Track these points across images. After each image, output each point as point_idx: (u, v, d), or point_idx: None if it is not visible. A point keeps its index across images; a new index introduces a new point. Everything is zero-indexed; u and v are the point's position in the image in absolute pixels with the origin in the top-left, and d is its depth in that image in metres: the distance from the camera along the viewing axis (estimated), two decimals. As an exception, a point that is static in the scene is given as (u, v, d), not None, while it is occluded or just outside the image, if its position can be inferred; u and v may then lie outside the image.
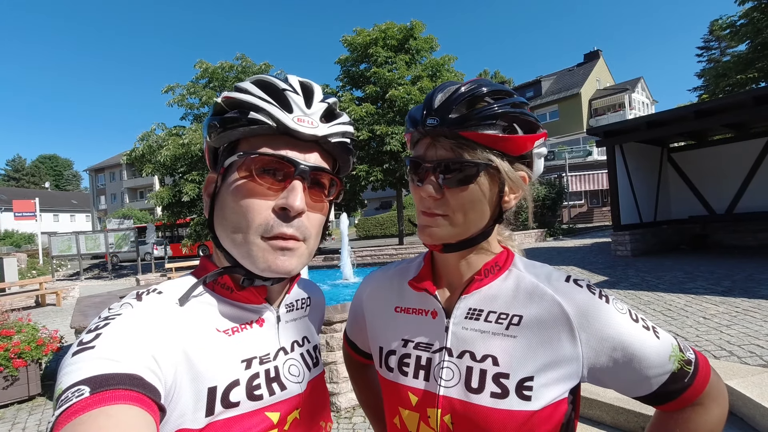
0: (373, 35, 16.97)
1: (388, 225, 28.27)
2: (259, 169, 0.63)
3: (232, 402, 0.60)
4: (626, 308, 0.71)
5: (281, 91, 0.66)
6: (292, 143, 0.66)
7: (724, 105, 9.12)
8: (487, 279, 0.75)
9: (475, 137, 0.66)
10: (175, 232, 24.41)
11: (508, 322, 0.71)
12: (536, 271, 0.76)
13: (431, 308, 0.78)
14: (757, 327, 4.45)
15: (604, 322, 0.68)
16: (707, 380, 0.71)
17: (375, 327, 0.87)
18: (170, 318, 0.60)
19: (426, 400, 0.73)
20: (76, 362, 0.49)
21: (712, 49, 36.76)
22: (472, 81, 0.71)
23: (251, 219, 0.62)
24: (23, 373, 4.31)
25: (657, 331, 0.71)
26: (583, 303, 0.69)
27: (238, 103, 0.65)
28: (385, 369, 0.80)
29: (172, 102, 16.33)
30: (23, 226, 34.24)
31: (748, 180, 10.50)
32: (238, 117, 0.64)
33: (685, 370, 0.69)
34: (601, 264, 9.73)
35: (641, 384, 0.69)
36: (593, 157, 27.74)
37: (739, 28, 17.25)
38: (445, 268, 0.79)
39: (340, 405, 3.64)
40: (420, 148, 0.72)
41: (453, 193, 0.68)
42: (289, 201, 0.62)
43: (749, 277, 6.95)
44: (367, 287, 0.92)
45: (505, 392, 0.67)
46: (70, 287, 12.97)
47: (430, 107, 0.69)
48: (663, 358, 0.68)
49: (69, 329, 4.31)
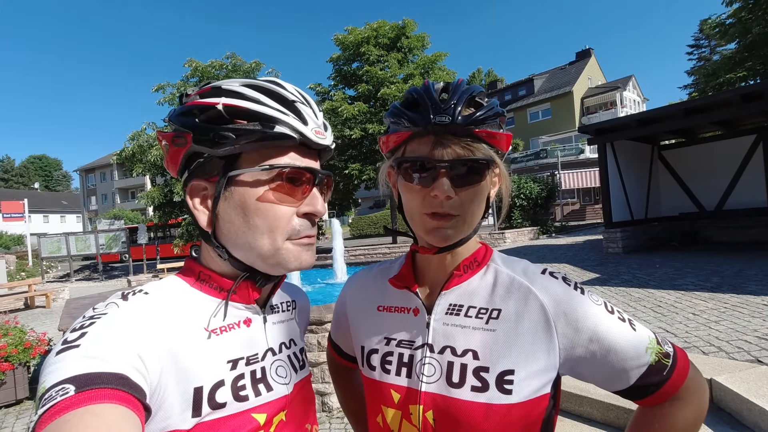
0: (365, 34, 16.96)
1: (381, 223, 28.29)
2: (286, 178, 0.66)
3: (218, 403, 0.60)
4: (601, 300, 0.72)
5: (292, 103, 0.67)
6: (307, 153, 0.69)
7: (712, 103, 9.21)
8: (466, 275, 0.76)
9: (486, 135, 0.68)
10: (167, 232, 24.22)
11: (487, 317, 0.72)
12: (513, 266, 0.77)
13: (413, 306, 0.78)
14: (744, 323, 4.50)
15: (580, 313, 0.69)
16: (686, 373, 0.71)
17: (358, 327, 0.87)
18: (157, 317, 0.59)
19: (408, 397, 0.73)
20: (60, 361, 0.49)
21: (703, 48, 37.25)
22: (449, 83, 0.72)
23: (279, 225, 0.65)
24: (10, 377, 4.25)
25: (633, 323, 0.72)
26: (559, 294, 0.71)
27: (251, 113, 0.64)
28: (367, 368, 0.81)
29: (162, 101, 16.13)
30: (12, 228, 33.78)
31: (737, 177, 10.62)
32: (260, 129, 0.63)
33: (663, 363, 0.69)
34: (592, 261, 9.80)
35: (619, 377, 0.69)
36: (585, 154, 27.94)
37: (728, 28, 17.42)
38: (427, 266, 0.80)
39: (333, 405, 3.63)
40: (420, 147, 0.69)
41: (465, 191, 0.69)
42: (317, 208, 0.68)
43: (738, 273, 7.03)
44: (350, 288, 0.92)
45: (485, 386, 0.68)
46: (60, 289, 12.80)
47: (437, 105, 0.67)
48: (639, 350, 0.68)
49: (58, 332, 4.25)
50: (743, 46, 17.22)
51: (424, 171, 0.69)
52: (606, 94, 37.77)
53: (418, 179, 0.69)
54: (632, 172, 11.16)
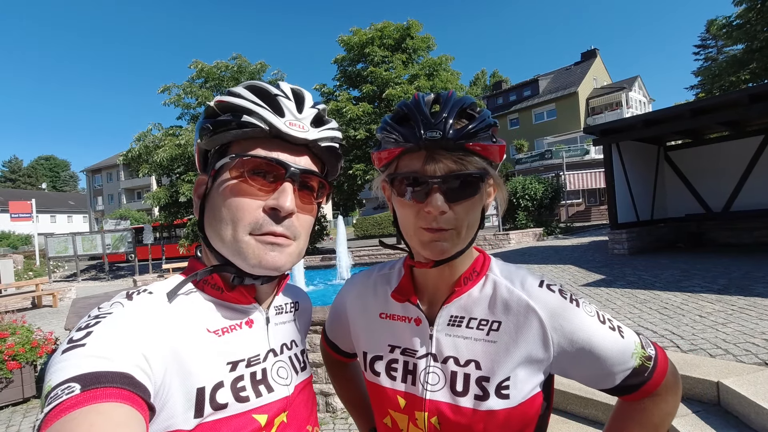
0: (369, 35, 16.96)
1: (386, 224, 28.29)
2: (251, 170, 0.65)
3: (220, 403, 0.60)
4: (594, 310, 0.76)
5: (273, 97, 0.68)
6: (283, 147, 0.68)
7: (719, 103, 9.12)
8: (466, 287, 0.78)
9: (479, 148, 0.67)
10: (172, 232, 24.34)
11: (488, 328, 0.75)
12: (512, 277, 0.79)
13: (414, 315, 0.80)
14: (752, 325, 4.45)
15: (575, 324, 0.72)
16: (664, 374, 0.77)
17: (359, 331, 0.88)
18: (161, 317, 0.60)
19: (414, 404, 0.76)
20: (66, 359, 0.49)
21: (709, 48, 36.90)
22: (440, 94, 0.72)
23: (241, 217, 0.64)
24: (17, 376, 4.30)
25: (622, 330, 0.76)
26: (555, 307, 0.73)
27: (231, 106, 0.67)
28: (371, 373, 0.82)
29: (168, 102, 16.27)
30: (20, 228, 34.10)
31: (745, 178, 10.52)
32: (231, 120, 0.66)
33: (645, 366, 0.75)
34: (598, 262, 9.74)
35: (605, 378, 0.75)
36: (591, 155, 27.79)
37: (734, 29, 17.26)
38: (425, 279, 0.81)
39: (336, 405, 3.63)
40: (412, 162, 0.69)
41: (460, 205, 0.69)
42: (280, 202, 0.64)
43: (745, 275, 6.96)
44: (351, 292, 0.93)
45: (486, 394, 0.71)
46: (67, 288, 12.90)
47: (427, 120, 0.67)
48: (626, 356, 0.74)
49: (64, 331, 4.29)
50: (748, 49, 17.06)
51: (417, 186, 0.68)
52: (611, 94, 37.53)
53: (411, 194, 0.69)
54: (638, 173, 11.08)
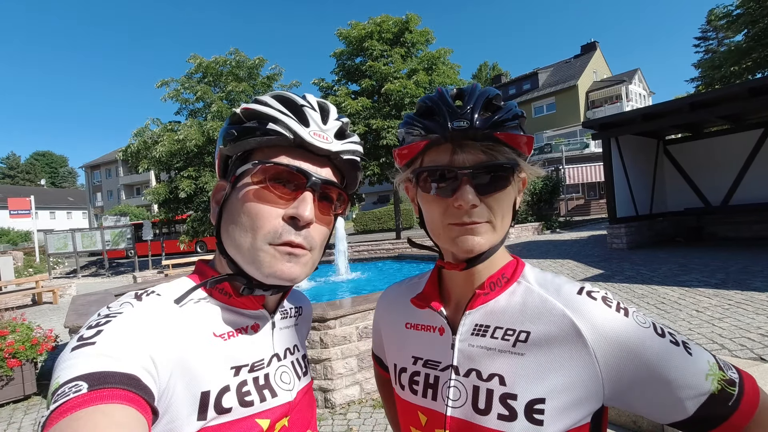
0: (368, 28, 16.82)
1: (385, 219, 28.26)
2: (273, 177, 0.65)
3: (224, 408, 0.60)
4: (649, 321, 0.65)
5: (300, 107, 0.68)
6: (306, 156, 0.68)
7: (719, 97, 9.10)
8: (493, 293, 0.71)
9: (508, 138, 0.64)
10: (172, 228, 24.34)
11: (515, 339, 0.67)
12: (546, 285, 0.71)
13: (438, 324, 0.75)
14: (748, 320, 4.48)
15: (624, 338, 0.62)
16: (756, 404, 0.62)
17: (389, 343, 0.86)
18: (168, 320, 0.60)
19: (434, 421, 0.70)
20: (75, 357, 0.50)
21: (710, 40, 36.68)
22: (463, 88, 0.69)
23: (260, 225, 0.64)
24: (18, 373, 4.32)
25: (689, 346, 0.64)
26: (598, 318, 0.63)
27: (257, 114, 0.68)
28: (398, 386, 0.79)
29: (166, 97, 16.18)
30: (19, 224, 34.06)
31: (744, 171, 10.52)
32: (256, 127, 0.66)
33: (728, 392, 0.61)
34: (596, 257, 9.77)
35: (675, 407, 0.61)
36: (590, 149, 27.76)
37: (736, 18, 17.18)
38: (452, 283, 0.76)
39: (335, 401, 3.66)
40: (438, 156, 0.66)
41: (492, 198, 0.65)
42: (300, 210, 0.64)
43: (743, 269, 6.99)
44: (382, 302, 0.91)
45: (513, 414, 0.62)
46: (67, 285, 12.95)
47: (453, 111, 0.64)
48: (698, 377, 0.61)
49: (64, 328, 4.31)
50: (751, 37, 16.99)
51: (445, 180, 0.65)
52: (611, 87, 37.38)
53: (438, 189, 0.66)
54: (637, 167, 11.07)
